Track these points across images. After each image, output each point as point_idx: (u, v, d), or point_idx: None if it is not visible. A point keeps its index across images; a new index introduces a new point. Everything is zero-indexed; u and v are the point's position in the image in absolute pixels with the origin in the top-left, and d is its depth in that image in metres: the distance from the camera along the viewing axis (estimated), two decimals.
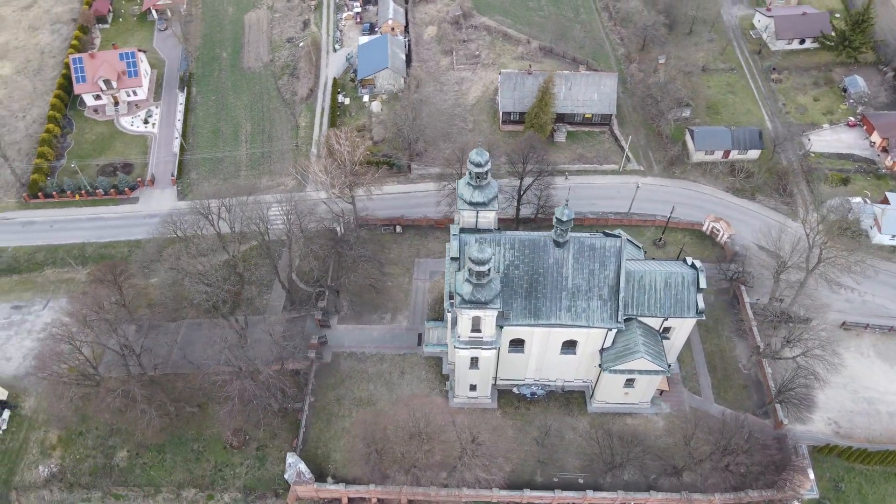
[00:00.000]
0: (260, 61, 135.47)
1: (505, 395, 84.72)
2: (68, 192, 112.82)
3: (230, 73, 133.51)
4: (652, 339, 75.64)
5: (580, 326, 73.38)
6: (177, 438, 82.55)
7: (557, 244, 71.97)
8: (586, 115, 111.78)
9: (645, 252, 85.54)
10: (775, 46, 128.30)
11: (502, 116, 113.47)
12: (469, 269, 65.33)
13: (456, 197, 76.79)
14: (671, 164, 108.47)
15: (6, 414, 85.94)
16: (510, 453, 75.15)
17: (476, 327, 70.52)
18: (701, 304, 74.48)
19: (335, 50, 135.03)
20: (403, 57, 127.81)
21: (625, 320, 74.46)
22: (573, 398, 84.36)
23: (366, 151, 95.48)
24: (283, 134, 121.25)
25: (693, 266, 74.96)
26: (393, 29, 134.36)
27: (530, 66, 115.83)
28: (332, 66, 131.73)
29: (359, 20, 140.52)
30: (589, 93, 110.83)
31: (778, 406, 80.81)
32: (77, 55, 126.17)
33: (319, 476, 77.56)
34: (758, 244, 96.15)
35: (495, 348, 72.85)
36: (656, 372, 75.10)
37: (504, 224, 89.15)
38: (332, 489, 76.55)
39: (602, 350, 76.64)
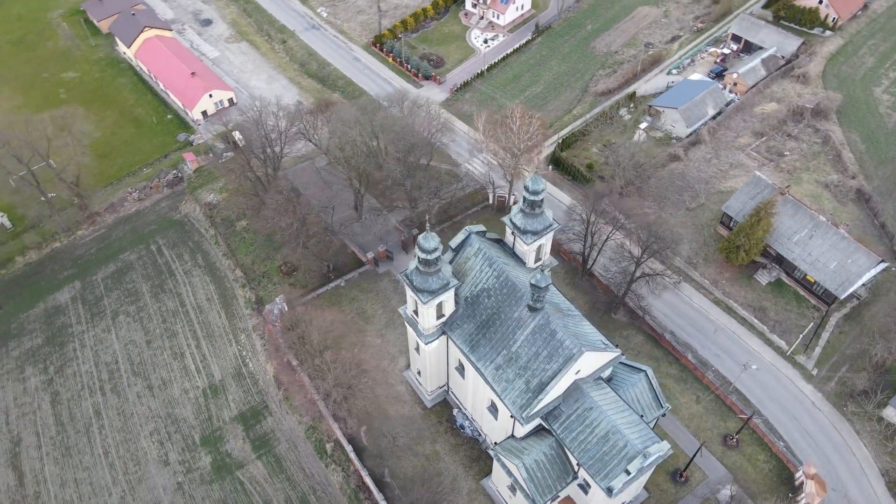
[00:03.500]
0: (607, 48, 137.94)
1: (447, 409, 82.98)
2: (390, 56, 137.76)
3: (576, 45, 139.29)
4: (546, 468, 65.57)
5: (494, 392, 67.76)
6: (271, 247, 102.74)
7: (530, 307, 66.19)
8: (808, 277, 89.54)
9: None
10: None
11: (722, 217, 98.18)
12: (418, 257, 65.84)
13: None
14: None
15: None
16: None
17: (416, 311, 71.18)
18: (616, 488, 61.47)
19: (668, 73, 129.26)
20: (710, 112, 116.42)
21: (541, 429, 65.99)
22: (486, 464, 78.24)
23: (539, 133, 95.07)
24: (565, 101, 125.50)
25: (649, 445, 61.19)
26: (735, 84, 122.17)
27: (788, 186, 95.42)
28: (647, 84, 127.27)
29: (718, 60, 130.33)
30: (828, 256, 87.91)
31: None
32: None
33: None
34: None
35: (426, 343, 72.24)
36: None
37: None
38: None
39: (510, 436, 69.60)
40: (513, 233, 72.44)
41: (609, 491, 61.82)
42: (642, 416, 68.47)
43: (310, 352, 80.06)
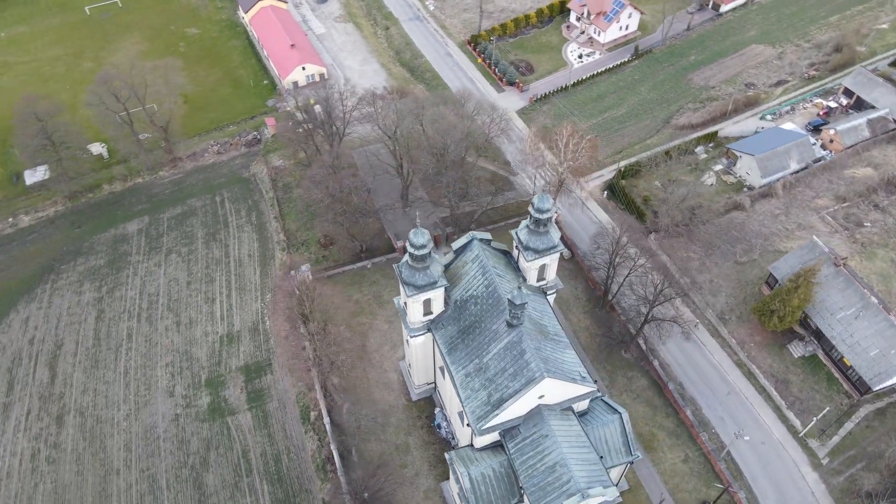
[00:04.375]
0: (704, 82, 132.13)
1: (430, 406, 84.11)
2: (481, 57, 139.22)
3: (672, 74, 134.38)
4: (492, 484, 65.25)
5: (459, 398, 68.13)
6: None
7: (508, 322, 65.97)
8: (845, 360, 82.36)
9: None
10: None
11: (768, 277, 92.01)
12: (409, 252, 67.16)
13: None
14: None
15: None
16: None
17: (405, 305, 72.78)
18: None
19: (762, 118, 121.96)
20: (793, 166, 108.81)
21: (499, 445, 65.90)
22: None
23: (588, 155, 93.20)
24: (642, 129, 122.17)
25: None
26: (831, 141, 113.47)
27: (846, 259, 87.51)
28: (736, 126, 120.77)
29: (822, 113, 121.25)
30: (871, 341, 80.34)
31: None
32: None
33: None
34: None
35: (411, 336, 73.58)
36: None
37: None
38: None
39: (469, 445, 69.82)
40: (516, 247, 72.33)
41: None
42: (602, 457, 66.46)
43: (314, 320, 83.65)
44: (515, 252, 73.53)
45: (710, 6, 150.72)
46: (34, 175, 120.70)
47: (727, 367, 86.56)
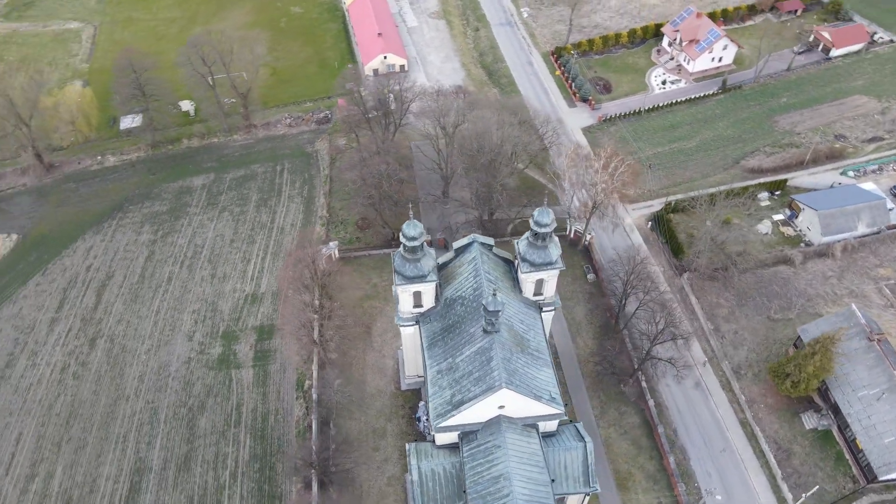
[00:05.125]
0: (791, 126, 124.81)
1: (416, 398, 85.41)
2: (561, 69, 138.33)
3: (756, 114, 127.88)
4: (440, 483, 65.77)
5: (426, 392, 69.04)
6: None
7: (484, 329, 66.17)
8: (857, 442, 75.95)
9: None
10: None
11: (797, 339, 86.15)
12: (402, 243, 68.60)
13: None
14: None
15: None
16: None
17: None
18: None
19: (842, 172, 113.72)
20: (861, 229, 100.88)
21: (455, 448, 66.47)
22: None
23: (627, 179, 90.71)
24: (709, 165, 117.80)
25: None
26: None
27: (882, 335, 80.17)
28: (811, 177, 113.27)
29: None
30: (888, 426, 73.71)
31: None
32: (693, 11, 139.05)
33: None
34: None
35: (400, 325, 75.09)
36: None
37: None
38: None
39: (431, 440, 70.60)
40: (515, 258, 72.32)
41: None
42: (554, 480, 65.32)
43: (321, 293, 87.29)
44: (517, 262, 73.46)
45: (819, 49, 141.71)
46: (128, 121, 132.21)
47: (730, 422, 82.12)
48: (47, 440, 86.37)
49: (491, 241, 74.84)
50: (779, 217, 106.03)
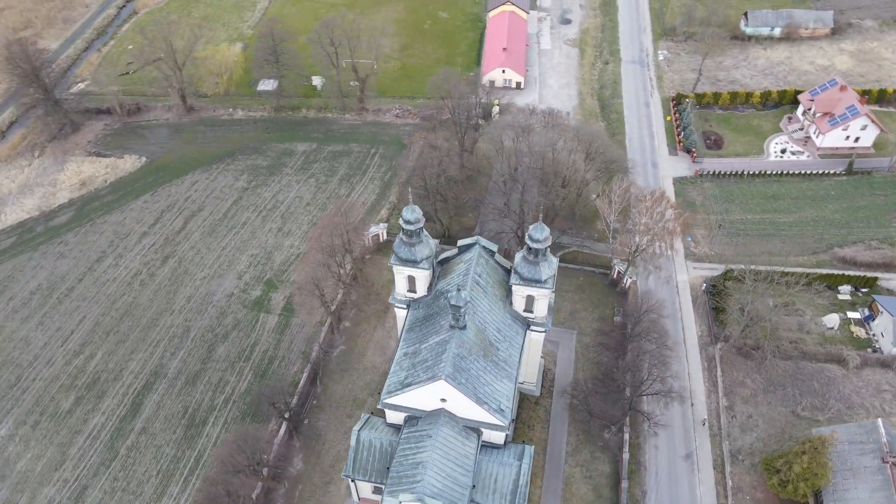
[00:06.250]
0: None
1: None
2: (676, 114, 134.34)
3: (876, 204, 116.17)
4: (374, 455, 68.34)
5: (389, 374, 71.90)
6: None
7: (450, 323, 67.86)
8: None
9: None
10: None
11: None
12: (401, 227, 71.93)
13: None
14: None
15: None
16: None
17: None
18: None
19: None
20: None
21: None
22: None
23: (673, 228, 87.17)
24: (797, 245, 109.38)
25: None
26: None
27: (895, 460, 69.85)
28: None
29: None
30: None
31: None
32: (837, 83, 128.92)
33: None
34: None
35: (394, 304, 78.54)
36: None
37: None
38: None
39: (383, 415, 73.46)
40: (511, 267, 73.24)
41: None
42: (475, 486, 65.44)
43: (346, 262, 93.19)
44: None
45: None
46: (264, 85, 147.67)
47: (708, 502, 76.38)
48: (101, 328, 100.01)
49: (494, 246, 76.24)
50: (853, 315, 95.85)
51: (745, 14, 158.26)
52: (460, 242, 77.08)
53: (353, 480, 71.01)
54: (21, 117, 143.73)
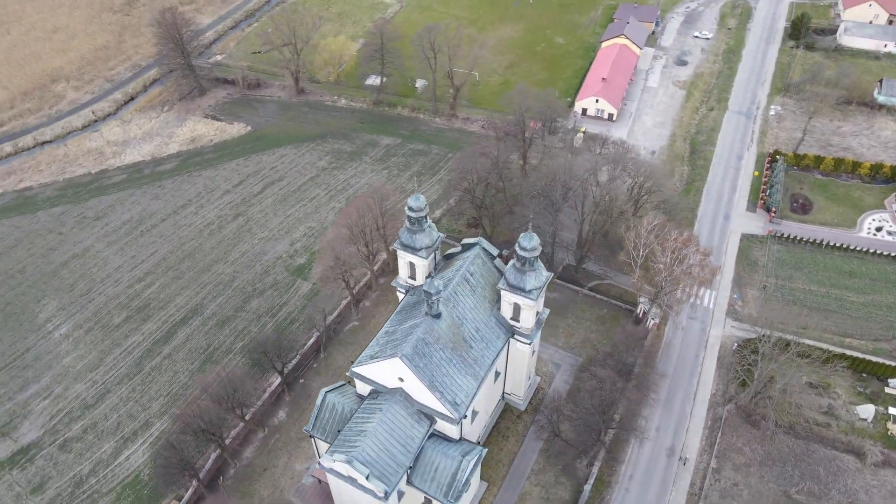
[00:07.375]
0: None
1: None
2: (767, 171, 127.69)
3: None
4: (336, 417, 72.21)
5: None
6: None
7: (425, 311, 70.48)
8: None
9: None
10: None
11: None
12: (408, 217, 75.40)
13: None
14: None
15: None
16: None
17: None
18: (324, 464, 66.03)
19: None
20: None
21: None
22: None
23: (699, 274, 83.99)
24: (856, 326, 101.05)
25: None
26: None
27: None
28: None
29: None
30: None
31: None
32: None
33: None
34: None
35: (397, 290, 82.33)
36: None
37: None
38: None
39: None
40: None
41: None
42: (412, 468, 67.37)
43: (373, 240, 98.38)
44: None
45: None
46: (371, 80, 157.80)
47: None
48: (165, 263, 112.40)
49: (495, 250, 77.88)
50: (894, 412, 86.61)
51: (881, 81, 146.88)
52: (464, 241, 79.48)
53: (312, 438, 75.27)
54: (163, 77, 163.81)
